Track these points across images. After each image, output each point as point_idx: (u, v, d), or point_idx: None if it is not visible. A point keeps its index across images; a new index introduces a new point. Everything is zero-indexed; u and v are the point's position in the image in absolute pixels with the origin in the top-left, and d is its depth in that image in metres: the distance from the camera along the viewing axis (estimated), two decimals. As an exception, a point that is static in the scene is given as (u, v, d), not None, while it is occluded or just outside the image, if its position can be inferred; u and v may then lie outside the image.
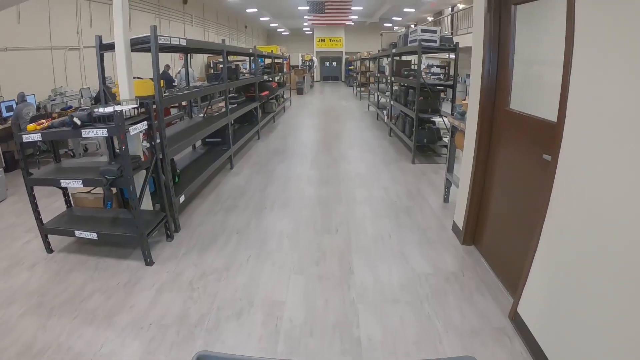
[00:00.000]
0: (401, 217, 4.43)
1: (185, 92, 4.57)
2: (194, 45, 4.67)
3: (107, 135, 3.34)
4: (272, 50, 10.67)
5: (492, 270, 3.26)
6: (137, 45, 3.80)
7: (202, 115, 6.32)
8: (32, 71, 8.60)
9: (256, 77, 8.29)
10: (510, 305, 2.62)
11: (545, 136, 2.40)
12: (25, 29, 8.44)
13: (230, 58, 12.52)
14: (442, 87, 6.84)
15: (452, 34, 17.27)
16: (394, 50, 7.71)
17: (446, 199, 4.94)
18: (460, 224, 3.87)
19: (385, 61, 11.77)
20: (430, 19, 24.06)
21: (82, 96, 8.98)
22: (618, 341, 1.61)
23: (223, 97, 8.27)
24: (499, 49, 3.25)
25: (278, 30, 34.63)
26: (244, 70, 13.87)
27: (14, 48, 8.01)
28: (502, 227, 3.22)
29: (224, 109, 7.09)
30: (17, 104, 6.70)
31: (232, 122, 8.54)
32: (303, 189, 5.35)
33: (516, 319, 2.49)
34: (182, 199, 4.36)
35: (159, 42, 3.74)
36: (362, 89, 17.13)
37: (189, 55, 7.52)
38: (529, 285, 2.39)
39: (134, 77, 4.04)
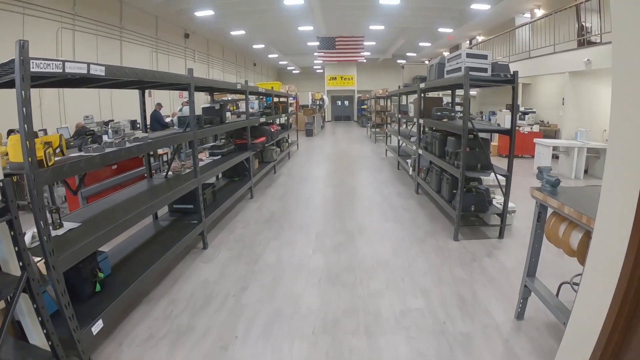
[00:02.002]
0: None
1: (108, 149, 2.87)
2: (127, 77, 3.02)
3: None
4: (272, 87, 9.03)
5: None
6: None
7: (165, 174, 4.63)
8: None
9: (248, 119, 6.65)
10: None
11: None
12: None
13: (226, 96, 11.13)
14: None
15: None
16: (422, 85, 6.02)
17: (520, 315, 3.12)
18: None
19: (407, 99, 10.17)
20: (446, 54, 22.75)
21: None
22: None
23: (213, 144, 6.69)
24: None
25: (288, 68, 34.02)
26: (252, 110, 12.24)
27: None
28: None
29: (202, 162, 5.44)
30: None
31: (220, 177, 6.89)
32: (300, 295, 3.51)
33: None
34: (97, 327, 2.61)
35: (35, 68, 2.10)
36: (378, 130, 15.53)
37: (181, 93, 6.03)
38: None
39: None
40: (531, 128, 12.19)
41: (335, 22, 17.02)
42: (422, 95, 6.36)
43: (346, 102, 32.25)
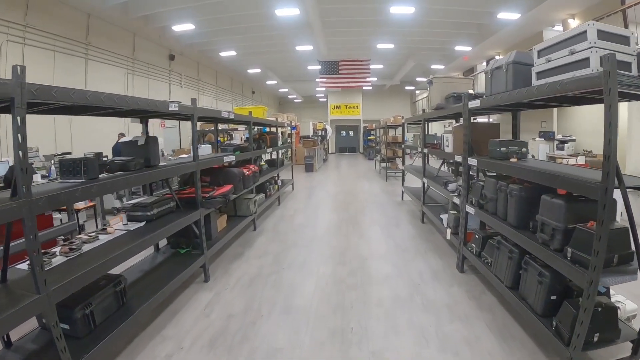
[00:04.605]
0: None
1: None
2: None
3: None
4: (250, 112, 6.60)
5: None
6: None
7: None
8: None
9: (196, 161, 4.18)
10: None
11: None
12: None
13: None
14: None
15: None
16: (474, 104, 3.69)
17: None
18: None
19: (430, 127, 7.92)
20: (462, 75, 20.73)
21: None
22: None
23: (137, 201, 4.46)
24: None
25: (289, 96, 32.33)
26: (244, 142, 9.84)
27: None
28: None
29: (107, 237, 3.18)
30: None
31: (163, 243, 4.64)
32: None
33: None
34: None
35: None
36: (389, 164, 13.21)
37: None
38: None
39: None
40: (576, 160, 9.90)
41: (338, 42, 15.09)
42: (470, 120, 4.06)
43: (351, 133, 30.36)
